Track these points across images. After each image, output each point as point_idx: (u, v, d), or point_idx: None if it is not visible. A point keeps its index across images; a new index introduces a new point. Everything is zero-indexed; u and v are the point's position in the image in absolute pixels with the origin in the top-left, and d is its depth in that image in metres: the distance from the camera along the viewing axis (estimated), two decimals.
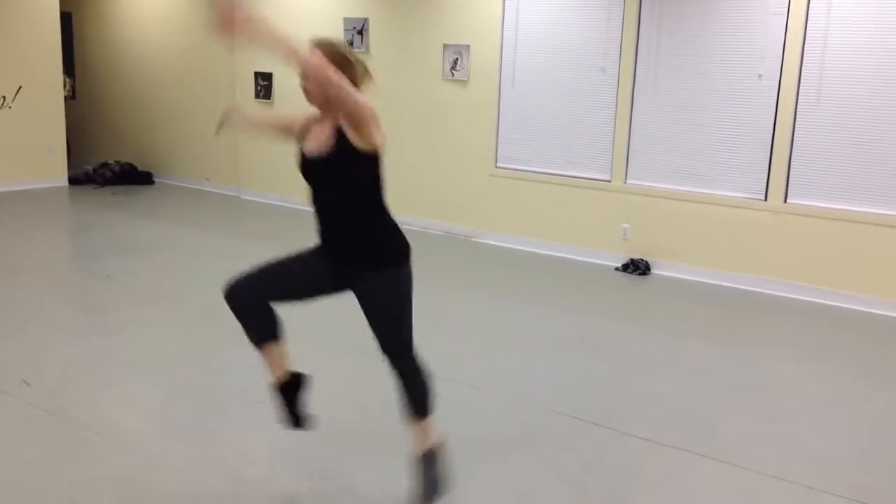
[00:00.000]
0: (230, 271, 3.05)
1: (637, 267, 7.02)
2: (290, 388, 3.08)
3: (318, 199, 2.91)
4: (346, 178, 2.80)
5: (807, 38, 6.16)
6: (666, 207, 6.98)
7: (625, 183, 7.15)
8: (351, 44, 8.51)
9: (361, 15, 8.48)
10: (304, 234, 7.99)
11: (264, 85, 9.32)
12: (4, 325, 5.08)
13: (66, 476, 3.31)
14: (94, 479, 3.29)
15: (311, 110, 2.93)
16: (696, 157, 6.79)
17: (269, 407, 3.51)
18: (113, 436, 3.67)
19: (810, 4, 6.12)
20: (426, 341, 5.10)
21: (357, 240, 2.87)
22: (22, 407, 3.92)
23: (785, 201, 6.42)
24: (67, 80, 11.04)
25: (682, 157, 6.86)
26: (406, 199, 8.48)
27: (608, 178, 7.23)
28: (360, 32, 8.47)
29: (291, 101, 9.15)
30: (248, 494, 3.26)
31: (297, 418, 3.12)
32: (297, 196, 9.24)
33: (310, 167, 2.87)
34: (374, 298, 2.91)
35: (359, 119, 2.68)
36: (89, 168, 10.44)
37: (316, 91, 2.78)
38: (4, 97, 9.42)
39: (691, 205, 6.85)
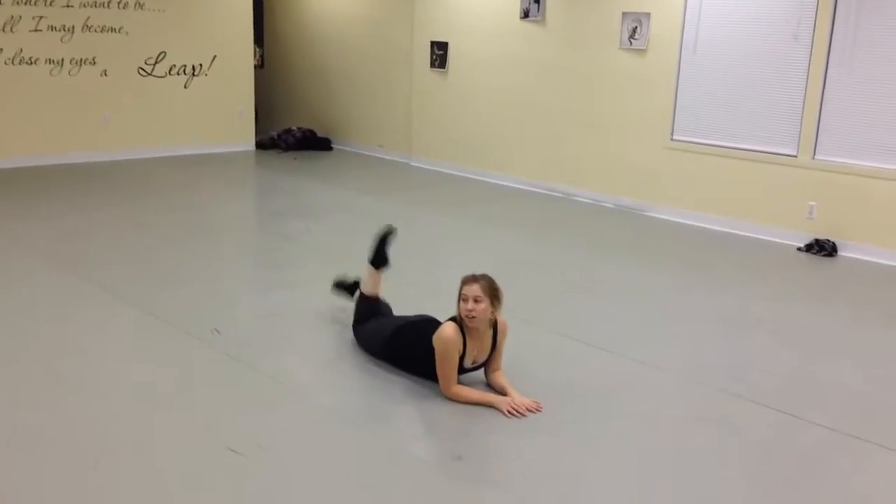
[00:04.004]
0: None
1: (822, 247, 6.60)
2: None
3: None
4: None
5: None
6: (858, 185, 6.51)
7: (813, 158, 6.72)
8: (527, 13, 8.45)
9: None
10: (467, 201, 7.94)
11: (440, 54, 9.44)
12: (200, 278, 5.48)
13: (251, 420, 3.54)
14: (274, 425, 3.50)
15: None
16: (894, 133, 6.28)
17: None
18: (291, 385, 3.89)
19: None
20: (599, 316, 5.06)
21: None
22: (213, 354, 4.22)
23: None
24: (257, 49, 11.65)
25: (878, 132, 6.36)
26: (576, 170, 8.38)
27: (794, 154, 6.82)
28: (538, 1, 8.39)
29: (466, 70, 9.25)
30: (408, 451, 3.37)
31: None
32: (467, 165, 9.35)
33: None
34: None
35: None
36: (274, 133, 11.01)
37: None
38: (202, 64, 10.07)
39: (887, 183, 6.36)
